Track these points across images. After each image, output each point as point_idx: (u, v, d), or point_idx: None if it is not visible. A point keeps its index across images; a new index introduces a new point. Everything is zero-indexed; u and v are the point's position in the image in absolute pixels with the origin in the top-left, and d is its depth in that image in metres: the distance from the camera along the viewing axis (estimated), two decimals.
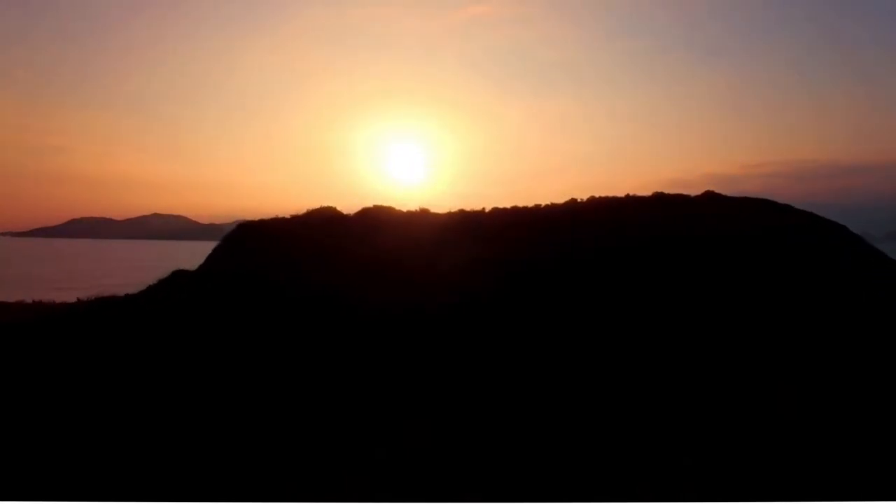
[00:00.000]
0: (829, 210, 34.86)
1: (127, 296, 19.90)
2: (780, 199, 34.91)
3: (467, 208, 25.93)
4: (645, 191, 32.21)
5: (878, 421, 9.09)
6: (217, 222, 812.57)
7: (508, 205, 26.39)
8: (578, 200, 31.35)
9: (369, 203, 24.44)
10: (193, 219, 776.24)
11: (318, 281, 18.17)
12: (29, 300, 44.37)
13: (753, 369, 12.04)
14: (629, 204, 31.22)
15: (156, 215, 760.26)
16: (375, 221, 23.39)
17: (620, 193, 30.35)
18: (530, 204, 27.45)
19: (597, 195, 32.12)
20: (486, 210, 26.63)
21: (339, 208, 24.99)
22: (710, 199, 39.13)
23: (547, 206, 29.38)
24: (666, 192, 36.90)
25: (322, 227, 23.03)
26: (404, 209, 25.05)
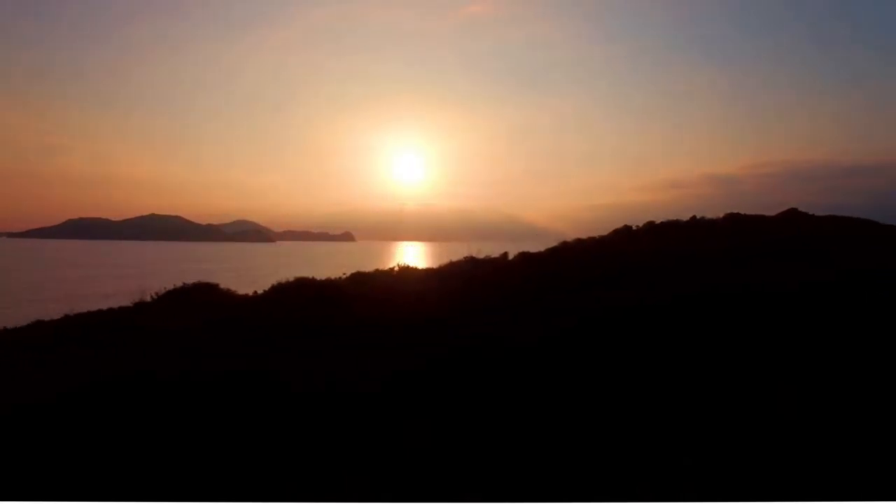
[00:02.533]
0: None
1: None
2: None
3: (479, 253, 16.74)
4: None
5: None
6: (215, 223, 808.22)
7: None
8: (633, 228, 22.36)
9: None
10: (191, 219, 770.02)
11: None
12: None
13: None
14: (707, 235, 22.05)
15: (153, 216, 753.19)
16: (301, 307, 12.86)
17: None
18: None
19: (656, 220, 23.09)
20: (510, 257, 17.34)
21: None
22: (793, 219, 30.42)
23: (592, 240, 20.30)
24: (741, 212, 28.10)
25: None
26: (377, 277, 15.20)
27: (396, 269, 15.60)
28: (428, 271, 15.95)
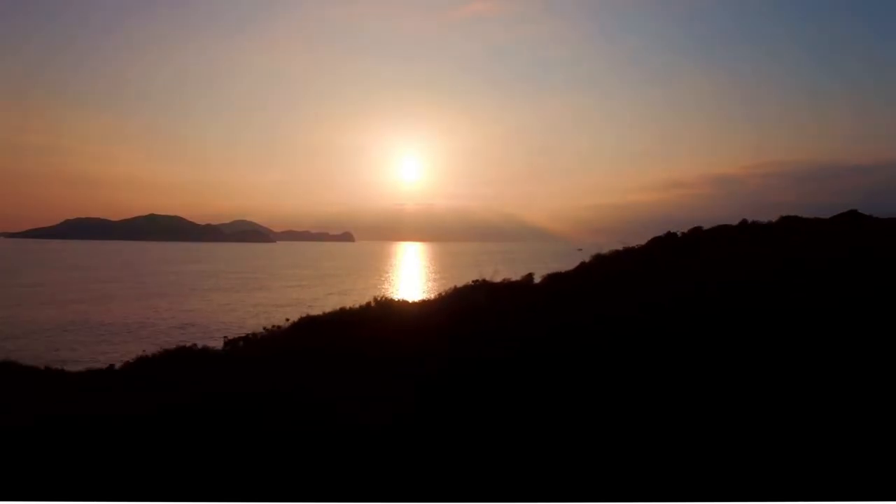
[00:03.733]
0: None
1: None
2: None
3: (494, 275, 12.34)
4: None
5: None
6: (214, 223, 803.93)
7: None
8: (678, 235, 18.14)
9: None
10: (190, 219, 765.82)
11: None
12: None
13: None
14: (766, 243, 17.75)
15: (152, 216, 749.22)
16: None
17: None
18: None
19: (704, 226, 18.85)
20: (537, 280, 12.95)
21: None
22: (854, 222, 26.18)
23: (632, 252, 16.09)
24: (798, 215, 23.87)
25: None
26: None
27: (373, 304, 10.93)
28: (419, 308, 11.32)
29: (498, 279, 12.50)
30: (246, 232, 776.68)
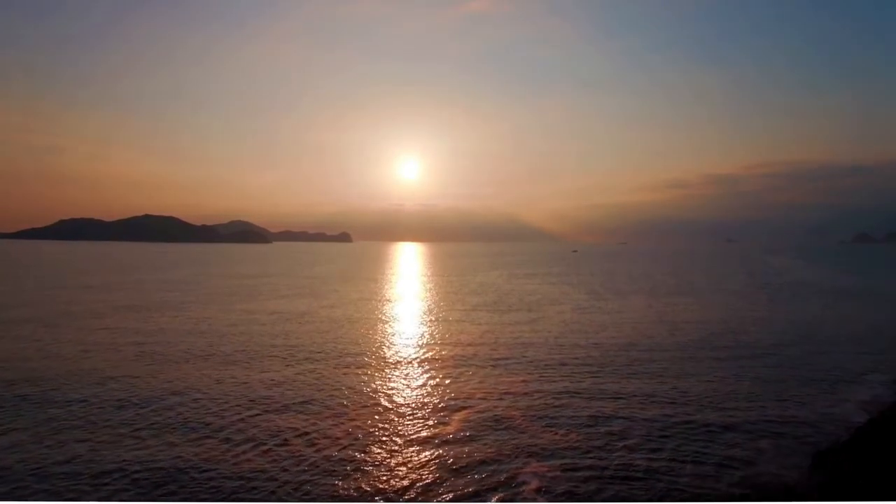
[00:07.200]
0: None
1: None
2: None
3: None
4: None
5: None
6: (210, 223, 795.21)
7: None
8: None
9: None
10: (186, 220, 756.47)
11: None
12: None
13: None
14: None
15: (147, 216, 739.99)
16: None
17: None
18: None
19: None
20: None
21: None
22: None
23: None
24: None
25: None
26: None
27: None
28: None
29: None
30: (242, 232, 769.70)
